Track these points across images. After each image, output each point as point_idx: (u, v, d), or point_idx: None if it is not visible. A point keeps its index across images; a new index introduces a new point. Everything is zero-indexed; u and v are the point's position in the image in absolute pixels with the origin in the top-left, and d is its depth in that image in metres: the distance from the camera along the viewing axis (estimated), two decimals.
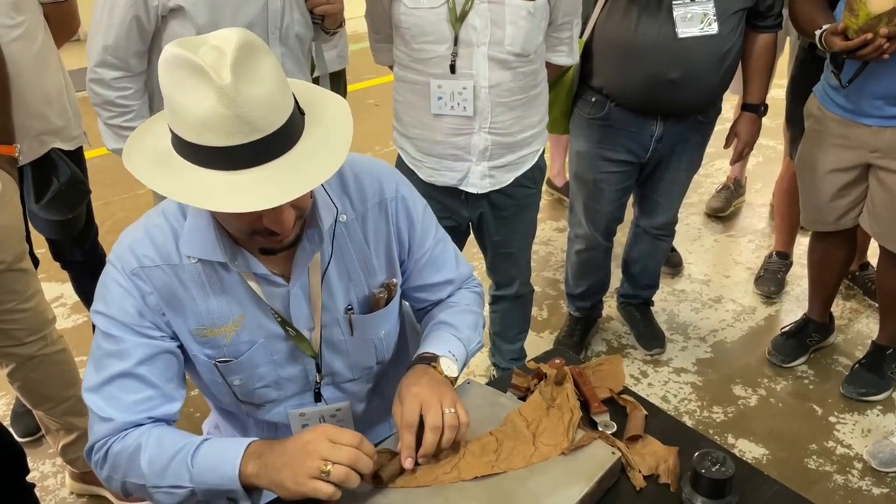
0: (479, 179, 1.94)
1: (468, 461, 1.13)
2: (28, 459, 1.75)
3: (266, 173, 0.95)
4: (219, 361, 1.18)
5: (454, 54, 1.79)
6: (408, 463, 1.10)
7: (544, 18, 1.85)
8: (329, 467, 1.00)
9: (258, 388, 1.22)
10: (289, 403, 1.26)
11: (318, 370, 1.25)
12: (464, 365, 1.28)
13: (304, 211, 1.09)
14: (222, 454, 1.06)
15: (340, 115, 1.05)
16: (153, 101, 1.82)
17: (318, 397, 1.27)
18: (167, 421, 1.15)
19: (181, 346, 1.17)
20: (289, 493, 1.02)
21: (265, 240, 1.07)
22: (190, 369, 1.23)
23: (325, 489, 1.00)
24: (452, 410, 1.12)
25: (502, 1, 1.76)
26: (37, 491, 1.82)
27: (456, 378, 1.23)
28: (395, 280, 1.28)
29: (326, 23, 1.86)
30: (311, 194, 1.11)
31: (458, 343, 1.27)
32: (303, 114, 1.02)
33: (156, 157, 1.00)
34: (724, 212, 3.51)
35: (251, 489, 1.06)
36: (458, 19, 1.76)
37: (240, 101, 0.92)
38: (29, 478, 1.74)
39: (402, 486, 1.09)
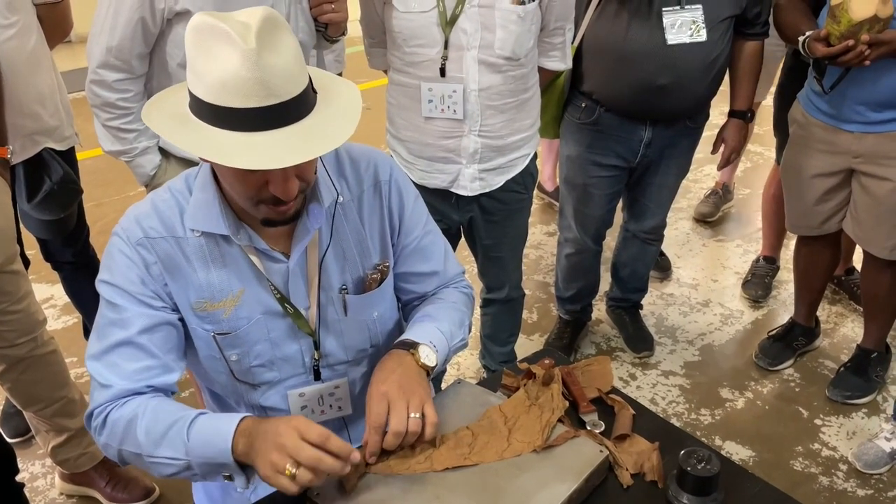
0: (469, 182, 1.96)
1: (442, 453, 1.15)
2: (18, 460, 1.75)
3: (279, 137, 1.00)
4: (217, 334, 1.20)
5: (444, 58, 1.81)
6: (371, 459, 1.12)
7: (535, 23, 1.87)
8: (296, 470, 1.01)
9: (254, 366, 1.24)
10: (285, 385, 1.27)
11: (317, 347, 1.26)
12: (445, 360, 1.28)
13: (308, 184, 1.13)
14: (216, 428, 1.08)
15: (350, 94, 1.11)
16: None
17: (317, 375, 1.29)
18: (166, 391, 1.17)
19: (182, 320, 1.19)
20: (264, 480, 1.04)
21: (269, 209, 1.10)
22: (189, 349, 1.24)
23: (290, 488, 1.01)
24: (417, 415, 1.12)
25: (492, 5, 1.78)
26: (27, 491, 1.82)
27: (433, 368, 1.22)
28: (387, 262, 1.30)
29: (330, 30, 1.87)
30: (315, 170, 1.15)
31: (440, 336, 1.27)
32: (315, 92, 1.06)
33: (173, 117, 1.04)
34: (712, 217, 3.55)
35: (245, 465, 1.07)
36: (449, 23, 1.78)
37: (262, 65, 0.97)
38: (18, 478, 1.74)
39: (374, 472, 1.11)
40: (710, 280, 3.15)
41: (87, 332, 2.61)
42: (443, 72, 1.82)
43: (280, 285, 1.21)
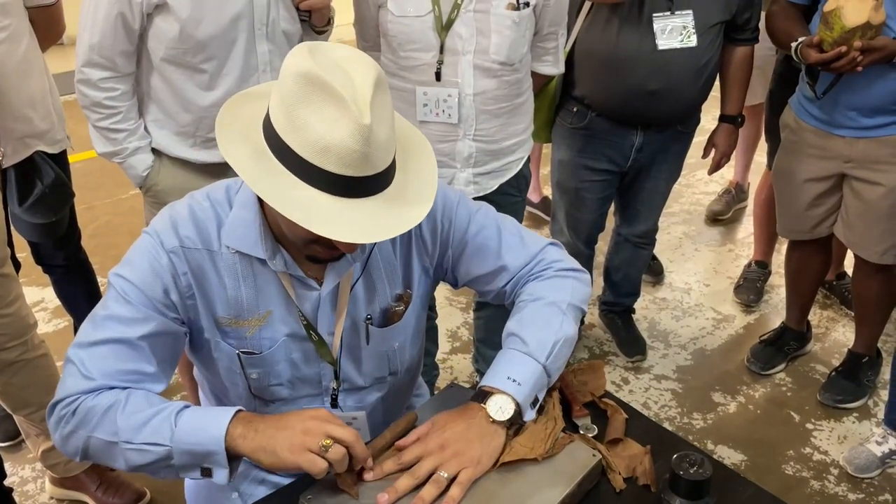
0: (463, 186, 1.96)
1: None
2: (7, 464, 1.75)
3: (366, 209, 0.99)
4: (242, 352, 1.18)
5: (440, 62, 1.81)
6: (368, 476, 1.08)
7: (529, 28, 1.87)
8: (329, 442, 1.01)
9: (273, 384, 1.22)
10: (299, 403, 1.25)
11: (336, 376, 1.25)
12: (545, 376, 1.18)
13: None
14: (210, 415, 1.06)
15: (425, 155, 1.11)
16: (142, 105, 1.82)
17: (334, 403, 1.27)
18: None
19: (190, 333, 1.17)
20: (276, 461, 1.01)
21: (323, 251, 1.08)
22: (203, 359, 1.22)
23: (320, 464, 1.00)
24: (445, 475, 1.06)
25: (488, 10, 1.78)
26: (16, 496, 1.81)
27: (508, 420, 1.13)
28: (409, 291, 1.27)
29: (314, 19, 1.85)
30: None
31: (525, 360, 1.17)
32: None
33: (254, 156, 1.00)
34: (724, 215, 3.58)
35: (231, 457, 1.04)
36: (444, 28, 1.78)
37: (371, 140, 0.95)
38: (8, 482, 1.73)
39: (368, 479, 1.09)
40: (702, 284, 3.16)
41: None
42: (438, 76, 1.82)
43: (308, 312, 1.19)
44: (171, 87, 1.76)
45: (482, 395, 1.15)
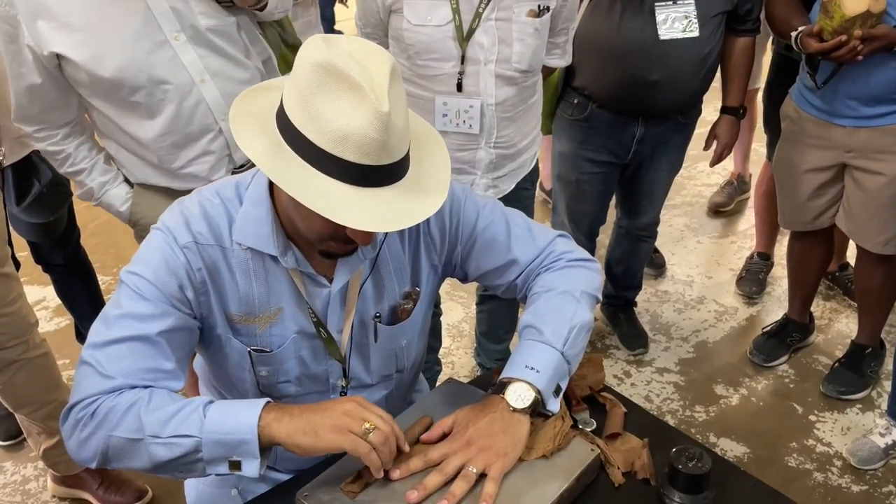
0: (483, 191, 1.95)
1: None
2: (9, 462, 1.75)
3: (384, 196, 0.98)
4: (253, 350, 1.18)
5: (461, 73, 1.77)
6: (395, 475, 1.08)
7: (547, 31, 1.85)
8: (372, 425, 1.01)
9: (281, 381, 1.22)
10: (306, 401, 1.22)
11: (344, 374, 1.25)
12: (565, 363, 1.18)
13: None
14: (240, 404, 1.05)
15: (438, 147, 1.11)
16: (104, 143, 1.70)
17: None
18: None
19: (202, 329, 1.16)
20: (316, 441, 1.01)
21: (337, 246, 1.08)
22: (212, 354, 1.21)
23: (363, 445, 1.00)
24: (475, 470, 1.07)
25: (510, 18, 1.75)
26: (18, 494, 1.81)
27: (529, 406, 1.13)
28: (417, 289, 1.27)
29: (237, 0, 1.58)
30: None
31: (542, 348, 1.17)
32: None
33: (271, 148, 0.98)
34: (725, 207, 3.56)
35: (262, 448, 1.02)
36: (465, 38, 1.75)
37: (390, 128, 0.95)
38: (10, 481, 1.73)
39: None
40: (704, 277, 3.15)
41: (78, 334, 2.60)
42: (459, 86, 1.78)
43: (318, 309, 1.19)
44: (115, 125, 1.62)
45: (501, 387, 1.15)
